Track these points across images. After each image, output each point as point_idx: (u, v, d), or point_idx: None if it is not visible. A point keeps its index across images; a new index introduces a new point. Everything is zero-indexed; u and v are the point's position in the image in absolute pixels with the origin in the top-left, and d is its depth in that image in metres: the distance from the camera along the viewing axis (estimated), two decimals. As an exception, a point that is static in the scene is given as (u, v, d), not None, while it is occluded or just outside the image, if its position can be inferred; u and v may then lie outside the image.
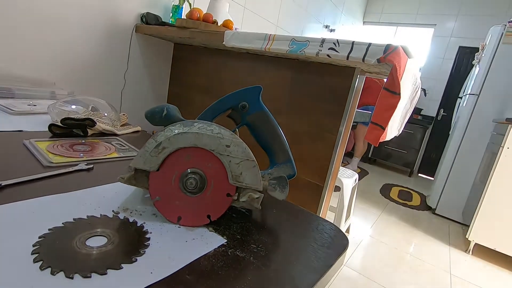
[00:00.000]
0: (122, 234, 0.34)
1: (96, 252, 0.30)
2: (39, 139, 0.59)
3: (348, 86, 1.32)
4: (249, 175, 0.38)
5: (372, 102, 2.96)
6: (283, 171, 0.46)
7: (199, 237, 0.36)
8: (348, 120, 1.36)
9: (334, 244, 0.41)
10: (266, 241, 0.38)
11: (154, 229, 0.36)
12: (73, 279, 0.26)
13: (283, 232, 0.42)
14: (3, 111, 0.75)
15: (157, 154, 0.37)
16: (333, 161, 1.38)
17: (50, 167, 0.49)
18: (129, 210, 0.39)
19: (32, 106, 0.83)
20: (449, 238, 2.25)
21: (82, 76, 1.48)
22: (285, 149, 0.47)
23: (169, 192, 0.38)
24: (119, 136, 0.75)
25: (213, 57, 1.72)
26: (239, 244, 0.37)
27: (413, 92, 1.25)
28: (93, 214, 0.37)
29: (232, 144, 0.38)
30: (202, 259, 0.32)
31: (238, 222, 0.42)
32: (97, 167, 0.53)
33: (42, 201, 0.38)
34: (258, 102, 0.47)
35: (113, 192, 0.44)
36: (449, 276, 1.74)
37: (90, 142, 0.64)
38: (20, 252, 0.28)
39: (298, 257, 0.36)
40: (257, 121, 0.46)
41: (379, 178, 3.67)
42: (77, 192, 0.42)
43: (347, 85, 1.32)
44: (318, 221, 0.47)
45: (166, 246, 0.33)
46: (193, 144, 0.37)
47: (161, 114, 0.43)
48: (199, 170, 0.38)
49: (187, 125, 0.38)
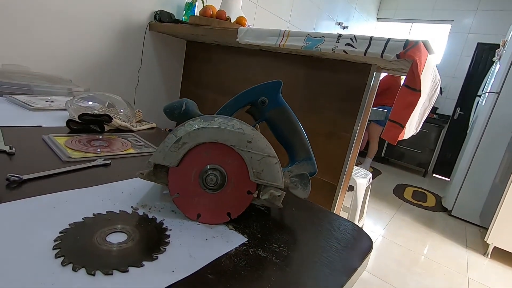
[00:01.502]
0: (142, 230, 0.33)
1: (117, 249, 0.29)
2: (58, 134, 0.60)
3: (363, 83, 1.29)
4: (270, 172, 0.37)
5: (391, 103, 2.89)
6: (304, 169, 0.45)
7: (219, 235, 0.35)
8: (363, 118, 1.33)
9: (357, 245, 0.40)
10: (288, 240, 0.37)
11: (174, 226, 0.35)
12: (94, 276, 0.25)
13: (304, 231, 0.41)
14: (23, 107, 0.76)
15: (177, 149, 0.36)
16: (347, 160, 1.36)
17: (69, 162, 0.49)
18: (147, 206, 0.39)
19: (50, 102, 0.84)
20: (466, 241, 2.19)
21: (97, 74, 1.50)
22: (305, 146, 0.45)
23: (188, 188, 0.37)
24: (135, 133, 0.75)
25: (225, 55, 1.71)
26: (260, 243, 0.35)
27: (432, 89, 1.21)
28: (112, 210, 0.36)
29: (254, 140, 0.36)
30: (224, 258, 0.31)
31: (257, 220, 0.41)
32: (115, 162, 0.52)
33: (62, 196, 0.37)
34: (278, 97, 0.45)
35: (131, 188, 0.43)
36: (467, 279, 1.69)
37: (107, 138, 0.64)
38: (41, 247, 0.28)
39: (321, 258, 0.35)
40: (276, 116, 0.45)
41: (392, 178, 3.60)
42: (95, 187, 0.42)
43: (362, 82, 1.29)
44: (339, 221, 0.46)
45: (187, 243, 0.33)
46: (214, 139, 0.36)
47: (180, 109, 0.42)
48: (219, 167, 0.37)
49: (207, 120, 0.37)
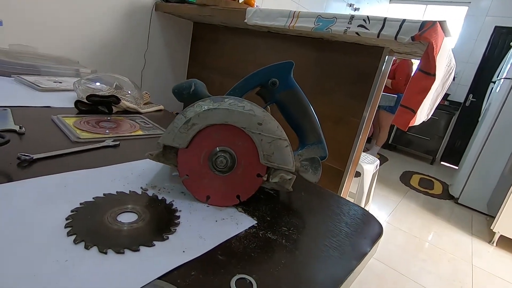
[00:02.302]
0: (152, 211, 0.33)
1: (127, 228, 0.30)
2: (66, 115, 0.60)
3: (375, 67, 1.26)
4: (281, 155, 0.36)
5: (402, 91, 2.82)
6: (314, 153, 0.44)
7: (228, 217, 0.35)
8: (373, 103, 1.30)
9: (367, 230, 0.39)
10: (297, 224, 0.37)
11: (183, 208, 0.35)
12: (106, 254, 0.26)
13: (313, 215, 0.40)
14: (31, 87, 0.76)
15: (186, 130, 0.35)
16: (355, 146, 1.34)
17: (78, 143, 0.49)
18: (157, 188, 0.39)
19: (58, 83, 0.84)
20: (472, 228, 2.18)
21: (104, 56, 1.49)
22: (316, 129, 0.44)
23: (198, 170, 0.37)
24: (143, 114, 0.75)
25: (233, 37, 1.67)
26: (269, 226, 0.35)
27: (446, 74, 1.17)
28: (122, 190, 0.36)
29: (264, 122, 0.36)
30: (234, 240, 0.31)
31: (266, 203, 0.41)
32: (123, 144, 0.52)
33: (73, 176, 0.38)
34: (289, 79, 0.44)
35: (140, 169, 0.43)
36: (471, 266, 1.69)
37: (115, 119, 0.64)
38: (54, 225, 0.28)
39: (331, 242, 0.35)
40: (287, 99, 0.44)
41: (399, 165, 3.58)
42: (105, 168, 0.42)
43: (374, 66, 1.26)
44: (348, 206, 0.45)
45: (196, 225, 0.33)
46: (224, 121, 0.35)
47: (189, 89, 0.41)
48: (229, 149, 0.37)
49: (217, 100, 0.36)
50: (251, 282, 0.26)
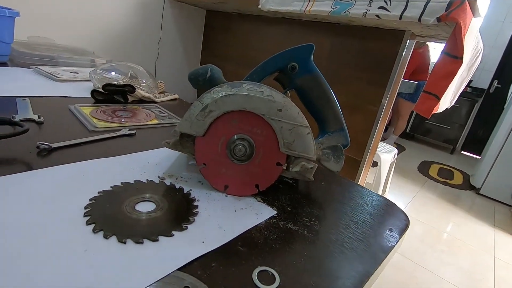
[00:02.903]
0: (169, 200, 0.33)
1: (146, 218, 0.29)
2: (83, 104, 0.60)
3: (395, 52, 1.20)
4: (302, 143, 0.34)
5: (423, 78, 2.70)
6: (335, 141, 0.42)
7: (247, 207, 0.34)
8: (392, 90, 1.25)
9: (392, 221, 0.37)
10: (318, 214, 0.35)
11: (201, 197, 0.35)
12: (125, 244, 0.25)
13: (335, 205, 0.39)
14: (49, 77, 0.76)
15: (204, 117, 0.34)
16: (373, 135, 1.30)
17: (95, 132, 0.48)
18: (174, 177, 0.38)
19: (75, 73, 0.85)
20: (494, 220, 2.11)
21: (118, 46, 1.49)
22: (338, 116, 0.42)
23: (215, 159, 0.36)
24: (158, 104, 0.74)
25: (246, 24, 1.64)
26: (290, 217, 0.34)
27: (473, 58, 1.11)
28: (139, 179, 0.36)
29: (285, 108, 0.34)
30: (254, 230, 0.30)
31: (286, 193, 0.39)
32: (139, 133, 0.52)
33: (90, 164, 0.37)
34: (309, 63, 0.42)
35: (157, 158, 0.43)
36: (493, 258, 1.64)
37: (131, 109, 0.64)
38: (72, 213, 0.28)
39: (355, 234, 0.33)
40: (307, 84, 0.42)
41: (417, 154, 3.48)
42: (122, 156, 0.41)
43: (394, 51, 1.20)
44: (371, 196, 0.43)
45: (215, 215, 0.32)
46: (242, 107, 0.34)
47: (205, 75, 0.39)
48: (247, 136, 0.35)
49: (235, 86, 0.34)
50: (274, 275, 0.25)
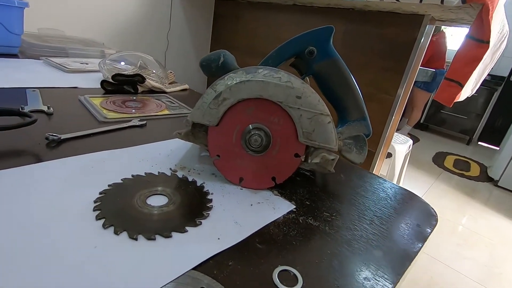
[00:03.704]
0: (182, 193, 0.31)
1: (158, 212, 0.27)
2: (93, 95, 0.58)
3: (413, 38, 1.14)
4: (323, 133, 0.32)
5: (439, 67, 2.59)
6: (356, 130, 0.39)
7: (264, 201, 0.32)
8: (409, 79, 1.20)
9: (419, 217, 0.35)
10: (340, 209, 0.33)
11: (215, 190, 0.33)
12: (137, 240, 0.24)
13: (357, 199, 0.36)
14: (59, 69, 0.76)
15: (217, 106, 0.32)
16: (388, 126, 1.26)
17: (105, 123, 0.47)
18: (186, 169, 0.36)
19: (85, 64, 0.84)
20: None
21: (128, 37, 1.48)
22: (359, 104, 0.39)
23: (229, 150, 0.34)
24: (168, 94, 0.72)
25: (256, 12, 1.59)
26: (309, 211, 0.32)
27: (497, 43, 1.04)
28: (150, 172, 0.34)
29: (304, 95, 0.31)
30: (272, 226, 0.28)
31: (304, 186, 0.37)
32: (150, 123, 0.50)
33: (100, 156, 0.36)
34: (328, 47, 0.39)
35: (168, 149, 0.41)
36: None
37: (141, 99, 0.62)
38: (82, 208, 0.26)
39: (381, 230, 0.31)
40: (327, 70, 0.39)
41: (432, 145, 3.38)
42: (132, 148, 0.40)
43: (412, 37, 1.14)
44: (394, 189, 0.41)
45: (230, 209, 0.30)
46: (258, 94, 0.32)
47: (218, 61, 0.37)
48: (264, 126, 0.33)
49: (250, 72, 0.32)
50: (296, 275, 0.23)
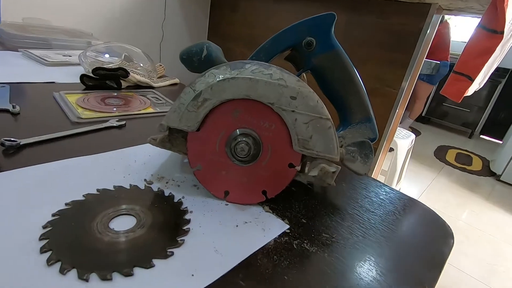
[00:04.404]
0: (155, 213, 0.26)
1: (121, 240, 0.23)
2: (70, 91, 0.53)
3: (419, 28, 1.08)
4: (322, 140, 0.27)
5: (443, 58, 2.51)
6: (360, 134, 0.34)
7: (253, 220, 0.28)
8: (414, 72, 1.14)
9: (434, 236, 0.30)
10: (341, 229, 0.28)
11: (195, 207, 0.28)
12: (88, 281, 0.19)
13: (361, 216, 0.32)
14: (38, 61, 0.70)
15: (196, 108, 0.27)
16: (391, 120, 1.20)
17: (78, 123, 0.42)
18: (164, 180, 0.31)
19: (68, 56, 0.78)
20: (516, 208, 2.00)
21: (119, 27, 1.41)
22: (364, 103, 0.34)
23: (213, 159, 0.29)
24: (156, 89, 0.67)
25: (255, 2, 1.52)
26: (305, 232, 0.27)
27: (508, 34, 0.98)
28: (121, 184, 0.29)
29: (300, 95, 0.26)
30: (260, 254, 0.24)
31: (299, 198, 0.32)
32: (130, 124, 0.45)
33: (63, 165, 0.31)
34: (329, 38, 0.33)
35: (146, 155, 0.36)
36: (514, 249, 1.56)
37: (123, 95, 0.57)
38: (26, 235, 0.21)
39: (392, 254, 0.26)
40: (327, 64, 0.34)
41: (433, 139, 3.33)
42: (105, 154, 0.35)
43: (417, 27, 1.08)
44: (403, 200, 0.36)
45: (211, 232, 0.25)
46: (245, 94, 0.26)
47: (200, 54, 0.32)
48: (252, 131, 0.28)
49: (235, 67, 0.27)
50: (287, 326, 0.18)
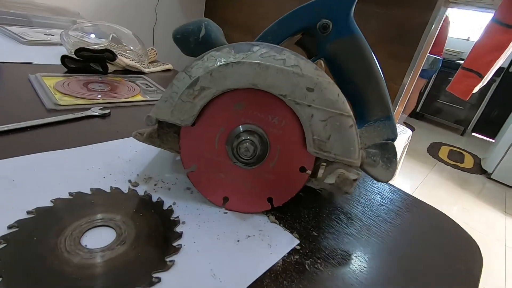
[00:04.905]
0: (140, 224, 0.22)
1: (96, 261, 0.18)
2: (49, 74, 0.47)
3: (424, 22, 1.04)
4: (341, 141, 0.23)
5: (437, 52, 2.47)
6: (378, 133, 0.30)
7: (256, 233, 0.23)
8: (416, 67, 1.10)
9: (462, 254, 0.27)
10: (359, 245, 0.25)
11: (189, 216, 0.24)
12: (46, 322, 0.14)
13: (378, 228, 0.28)
14: (15, 39, 0.63)
15: (192, 98, 0.22)
16: (391, 116, 1.17)
17: (55, 111, 0.37)
18: (152, 181, 0.27)
19: (49, 36, 0.71)
20: (506, 206, 2.02)
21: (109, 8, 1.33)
22: (385, 99, 0.30)
23: (210, 159, 0.25)
24: (146, 75, 0.62)
25: (254, -15, 1.45)
26: (318, 249, 0.23)
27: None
28: (99, 187, 0.24)
29: (318, 87, 0.22)
30: (267, 278, 0.20)
31: (308, 205, 0.28)
32: (116, 112, 0.40)
33: (29, 162, 0.26)
34: (348, 20, 0.29)
35: (132, 150, 0.31)
36: (504, 247, 1.57)
37: (110, 81, 0.51)
38: (-27, 255, 0.17)
39: (426, 280, 0.22)
40: (344, 51, 0.29)
41: (427, 135, 3.34)
42: (82, 148, 0.30)
43: (423, 20, 1.04)
44: (427, 212, 0.32)
45: (207, 249, 0.21)
46: (251, 83, 0.22)
47: (198, 34, 0.27)
48: (258, 128, 0.24)
49: (241, 50, 0.22)
50: None
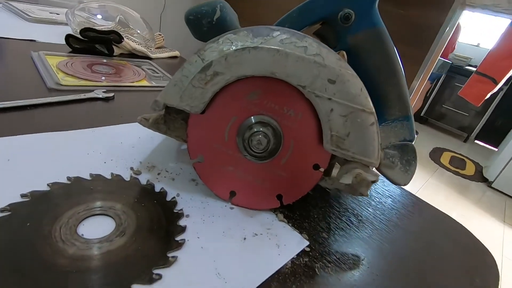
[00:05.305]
0: (141, 214, 0.20)
1: (93, 253, 0.17)
2: (52, 52, 0.46)
3: (439, 23, 1.01)
4: (361, 139, 0.21)
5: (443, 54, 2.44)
6: (395, 133, 0.28)
7: (264, 231, 0.22)
8: (427, 70, 1.08)
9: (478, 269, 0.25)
10: (367, 246, 0.23)
11: (193, 209, 0.22)
12: (35, 319, 0.13)
13: (390, 233, 0.26)
14: (19, 16, 0.61)
15: (204, 83, 0.21)
16: (397, 118, 1.15)
17: (57, 91, 0.35)
18: (156, 170, 0.25)
19: (55, 14, 0.69)
20: (505, 216, 2.02)
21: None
22: (404, 97, 0.28)
23: (219, 151, 0.23)
24: (153, 61, 0.60)
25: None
26: (328, 251, 0.22)
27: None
28: (99, 172, 0.23)
29: (340, 80, 0.20)
30: (275, 281, 0.18)
31: (317, 204, 0.27)
32: (120, 96, 0.39)
33: (27, 142, 0.24)
34: (372, 12, 0.27)
35: (135, 136, 0.30)
36: (501, 257, 1.57)
37: (115, 63, 0.50)
38: (-41, 239, 0.15)
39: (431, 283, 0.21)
40: (366, 45, 0.27)
41: (430, 140, 3.32)
42: (83, 131, 0.28)
43: (438, 22, 1.01)
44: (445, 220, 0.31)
45: (212, 246, 0.19)
46: (269, 71, 0.20)
47: (212, 16, 0.25)
48: (272, 120, 0.22)
49: (260, 34, 0.20)
50: None
